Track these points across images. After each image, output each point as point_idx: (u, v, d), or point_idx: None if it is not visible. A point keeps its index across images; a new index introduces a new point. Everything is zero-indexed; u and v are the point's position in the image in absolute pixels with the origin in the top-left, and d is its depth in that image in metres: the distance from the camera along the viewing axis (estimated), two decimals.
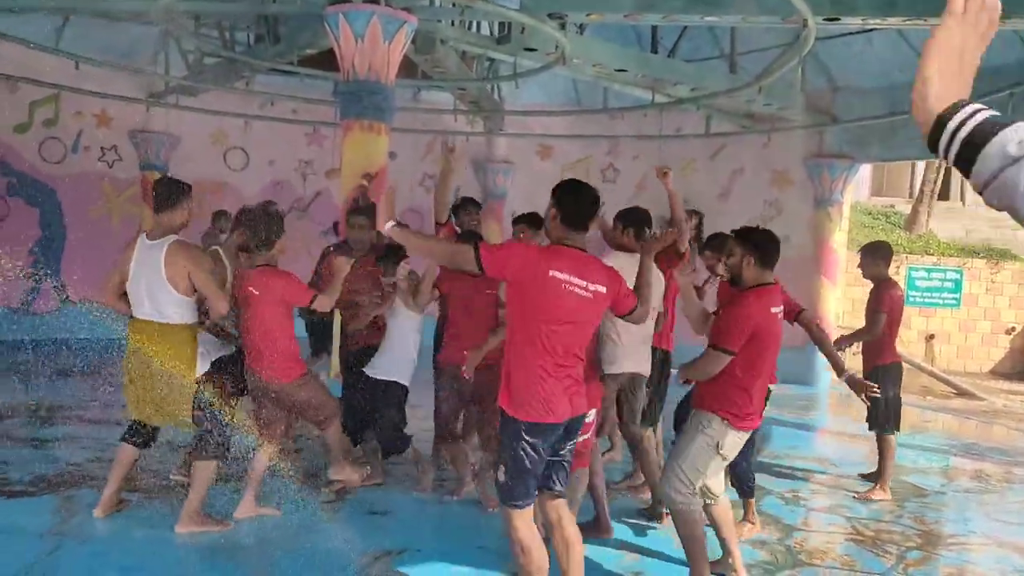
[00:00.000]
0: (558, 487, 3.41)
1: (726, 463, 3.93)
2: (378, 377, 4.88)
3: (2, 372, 8.39)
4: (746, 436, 3.89)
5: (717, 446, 3.77)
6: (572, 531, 3.42)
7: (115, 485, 4.37)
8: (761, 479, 5.55)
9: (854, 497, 5.72)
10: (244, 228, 4.88)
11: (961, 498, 6.09)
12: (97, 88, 10.16)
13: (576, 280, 3.21)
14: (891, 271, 13.10)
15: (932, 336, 13.55)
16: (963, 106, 1.04)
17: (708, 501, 4.00)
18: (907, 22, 6.14)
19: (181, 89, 10.69)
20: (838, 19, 6.20)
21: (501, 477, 3.26)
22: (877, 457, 5.95)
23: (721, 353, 3.69)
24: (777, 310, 3.76)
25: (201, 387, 4.12)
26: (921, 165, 17.35)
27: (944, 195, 17.32)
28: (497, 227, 12.14)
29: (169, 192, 4.10)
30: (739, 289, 3.87)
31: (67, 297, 10.73)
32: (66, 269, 10.81)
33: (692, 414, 3.95)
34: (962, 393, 11.63)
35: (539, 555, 3.26)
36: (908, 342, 13.33)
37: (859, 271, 6.07)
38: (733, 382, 3.73)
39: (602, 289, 3.27)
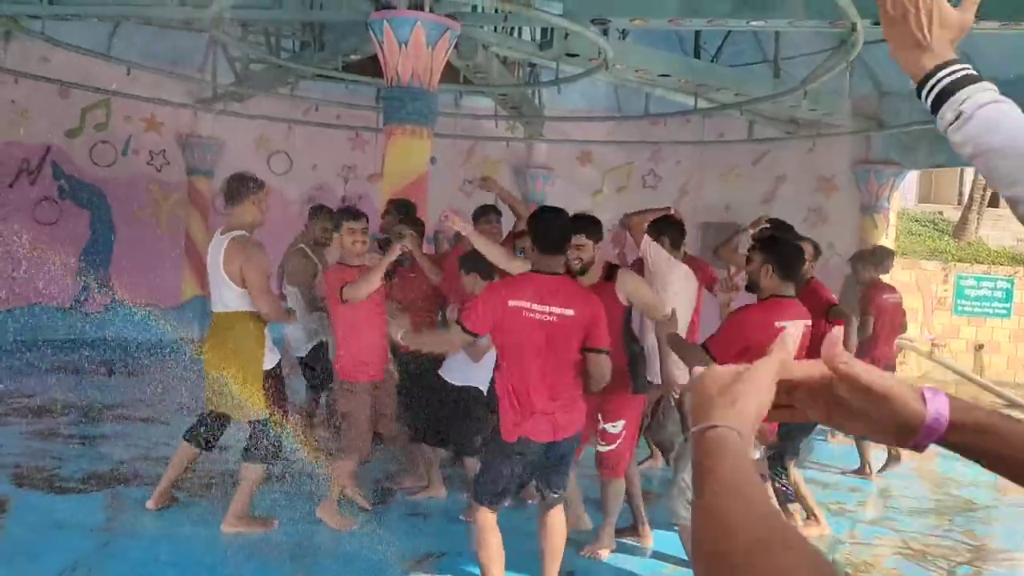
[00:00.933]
0: (550, 496, 3.64)
1: None
2: (455, 383, 4.80)
3: (54, 370, 8.59)
4: (756, 452, 3.82)
5: None
6: (556, 520, 3.65)
7: (168, 481, 4.43)
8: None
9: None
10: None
11: (1013, 513, 5.93)
12: (146, 93, 10.37)
13: (536, 306, 3.37)
14: (939, 279, 12.78)
15: (981, 346, 13.21)
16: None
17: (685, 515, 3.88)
18: None
19: (228, 95, 10.86)
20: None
21: (479, 477, 3.56)
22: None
23: (705, 352, 3.68)
24: (786, 324, 3.58)
25: (264, 383, 4.16)
26: (970, 171, 16.99)
27: (994, 202, 16.92)
28: None
29: (236, 188, 4.17)
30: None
31: (115, 297, 10.95)
32: (115, 270, 11.05)
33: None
34: (1012, 405, 11.33)
35: (497, 548, 3.51)
36: (957, 352, 13.03)
37: (905, 279, 5.99)
38: None
39: (569, 312, 3.37)
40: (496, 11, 6.96)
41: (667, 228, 4.73)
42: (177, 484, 4.58)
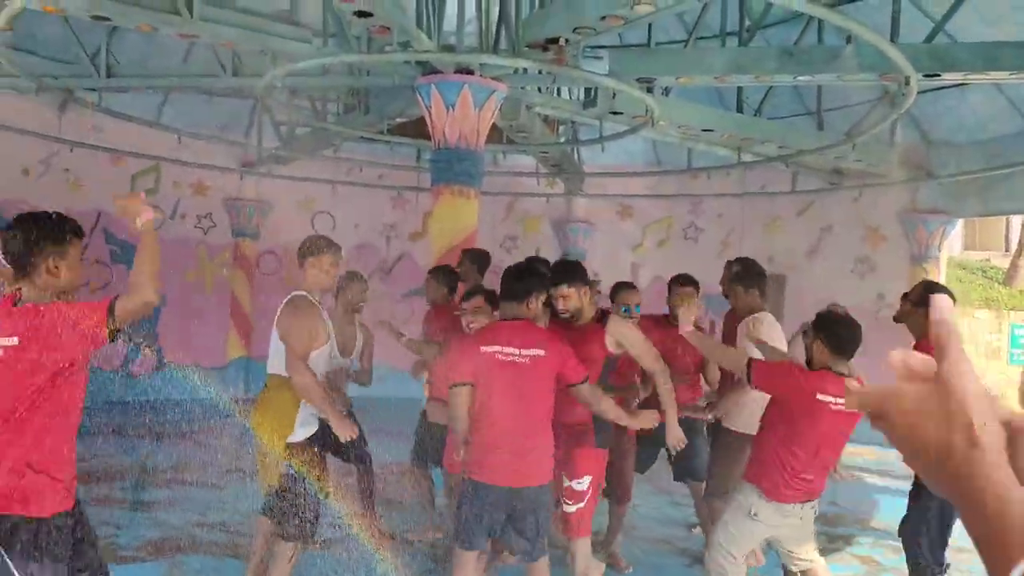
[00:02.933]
0: (519, 550, 3.68)
1: (773, 530, 3.84)
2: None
3: (103, 434, 8.65)
4: (786, 508, 3.75)
5: (750, 512, 3.76)
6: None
7: (257, 558, 4.26)
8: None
9: None
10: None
11: None
12: (194, 159, 10.61)
13: (507, 348, 3.58)
14: (993, 327, 12.48)
15: None
16: None
17: (794, 567, 3.94)
18: (1012, 76, 5.96)
19: (272, 158, 11.08)
20: (938, 75, 6.06)
21: (456, 515, 3.70)
22: None
23: (746, 368, 3.76)
24: (829, 400, 3.55)
25: (292, 453, 3.94)
26: (1017, 218, 16.72)
27: None
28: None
29: (302, 249, 4.16)
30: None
31: (164, 359, 11.08)
32: (162, 332, 11.19)
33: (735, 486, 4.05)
34: None
35: None
36: (1011, 400, 12.65)
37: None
38: (770, 455, 3.73)
39: (540, 353, 3.58)
40: (540, 72, 7.06)
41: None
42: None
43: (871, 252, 10.87)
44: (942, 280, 10.76)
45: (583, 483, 4.09)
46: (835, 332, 3.67)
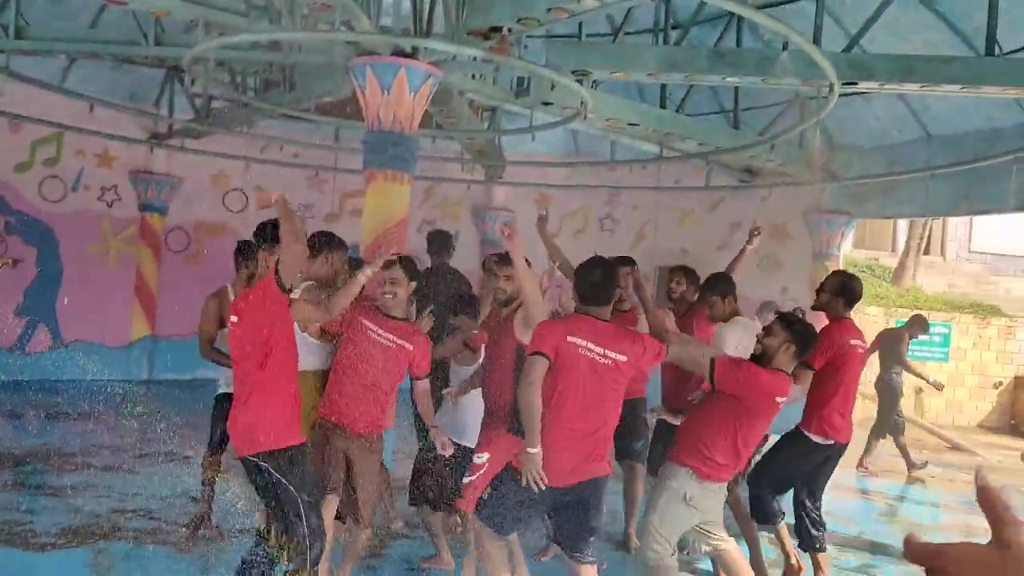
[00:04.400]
0: (564, 543, 3.66)
1: (703, 515, 3.98)
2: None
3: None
4: (717, 487, 3.96)
5: (685, 497, 3.89)
6: None
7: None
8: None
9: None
10: None
11: None
12: (100, 128, 10.11)
13: (593, 346, 3.58)
14: (881, 324, 13.24)
15: (921, 389, 13.69)
16: None
17: (707, 547, 4.09)
18: (924, 88, 6.33)
19: (184, 131, 10.67)
20: (855, 83, 6.38)
21: (486, 499, 3.66)
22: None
23: (710, 364, 3.83)
24: (781, 401, 3.87)
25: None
26: (904, 220, 17.71)
27: (926, 250, 17.69)
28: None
29: (312, 243, 4.04)
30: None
31: (61, 338, 10.56)
32: (60, 308, 10.66)
33: (661, 467, 4.13)
34: (955, 447, 11.76)
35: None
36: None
37: None
38: (713, 439, 3.87)
39: (622, 358, 3.54)
40: (474, 60, 7.05)
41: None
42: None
43: (778, 249, 11.34)
44: None
45: (482, 458, 4.19)
46: (805, 337, 3.89)
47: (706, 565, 5.00)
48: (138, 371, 11.00)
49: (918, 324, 9.52)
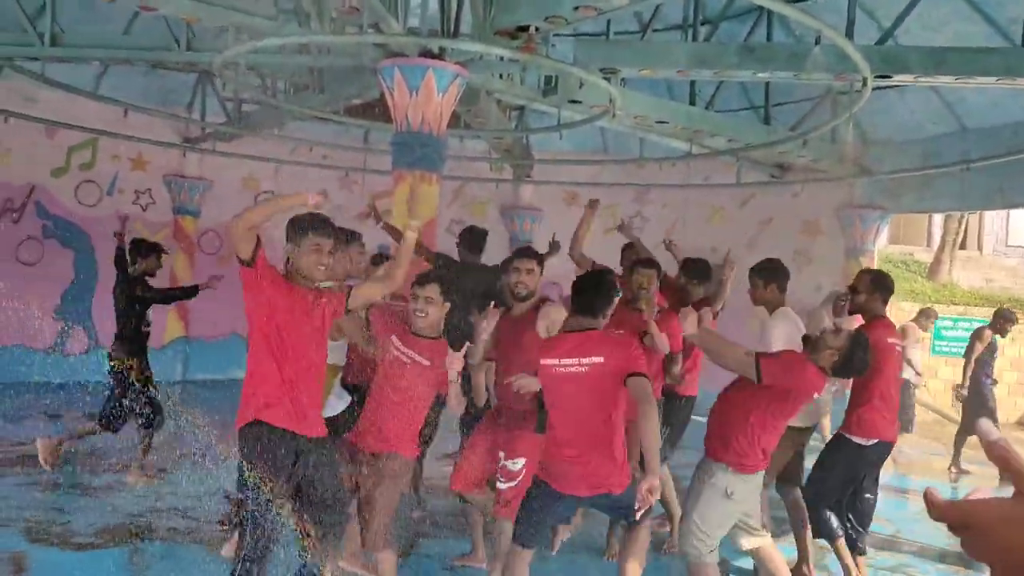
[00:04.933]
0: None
1: (743, 509, 3.99)
2: None
3: (37, 415, 8.35)
4: (754, 479, 3.96)
5: (726, 492, 3.88)
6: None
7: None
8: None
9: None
10: None
11: None
12: (134, 133, 10.26)
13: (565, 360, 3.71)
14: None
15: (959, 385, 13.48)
16: None
17: (749, 544, 4.09)
18: (957, 80, 6.23)
19: (215, 134, 10.80)
20: (889, 76, 6.28)
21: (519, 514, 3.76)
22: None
23: (754, 363, 3.79)
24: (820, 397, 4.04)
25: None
26: (938, 215, 17.43)
27: (962, 244, 17.39)
28: None
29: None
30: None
31: (96, 340, 10.72)
32: (96, 311, 10.83)
33: (699, 465, 4.12)
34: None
35: None
36: (935, 392, 13.26)
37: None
38: (745, 432, 3.87)
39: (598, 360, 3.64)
40: (501, 59, 7.05)
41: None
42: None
43: (809, 245, 11.21)
44: None
45: (518, 464, 4.23)
46: (854, 353, 3.83)
47: (746, 563, 4.96)
48: (172, 372, 11.14)
49: (923, 316, 9.42)
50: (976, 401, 8.85)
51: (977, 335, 9.08)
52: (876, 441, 4.63)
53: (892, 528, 6.43)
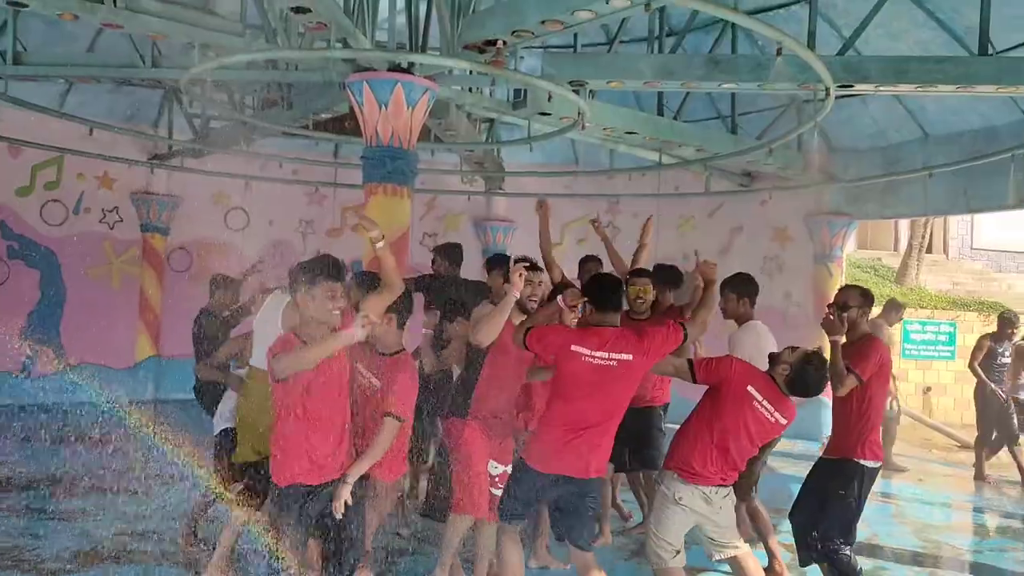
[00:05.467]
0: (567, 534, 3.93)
1: (692, 517, 4.05)
2: None
3: (4, 439, 8.20)
4: (705, 491, 4.01)
5: (674, 497, 4.01)
6: None
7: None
8: None
9: None
10: None
11: (997, 556, 6.10)
12: (100, 151, 10.16)
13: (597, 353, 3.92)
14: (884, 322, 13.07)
15: (929, 388, 13.69)
16: None
17: (719, 555, 4.16)
18: (918, 89, 6.35)
19: (184, 151, 10.72)
20: (851, 86, 6.39)
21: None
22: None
23: (687, 364, 4.11)
24: (756, 398, 4.03)
25: None
26: (904, 221, 17.70)
27: (929, 248, 17.68)
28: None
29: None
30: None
31: (66, 360, 10.57)
32: (65, 331, 10.70)
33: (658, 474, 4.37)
34: (964, 446, 11.70)
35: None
36: (906, 395, 13.42)
37: None
38: (683, 443, 4.07)
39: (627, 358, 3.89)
40: (470, 73, 7.08)
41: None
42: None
43: (779, 252, 11.35)
44: (843, 278, 11.33)
45: (498, 469, 4.38)
46: (804, 370, 3.98)
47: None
48: (144, 391, 11.01)
49: (891, 308, 9.02)
50: (986, 411, 8.81)
51: (976, 344, 9.05)
52: (880, 464, 4.52)
53: (869, 531, 6.49)
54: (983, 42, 5.97)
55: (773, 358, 4.06)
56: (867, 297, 4.66)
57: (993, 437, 8.87)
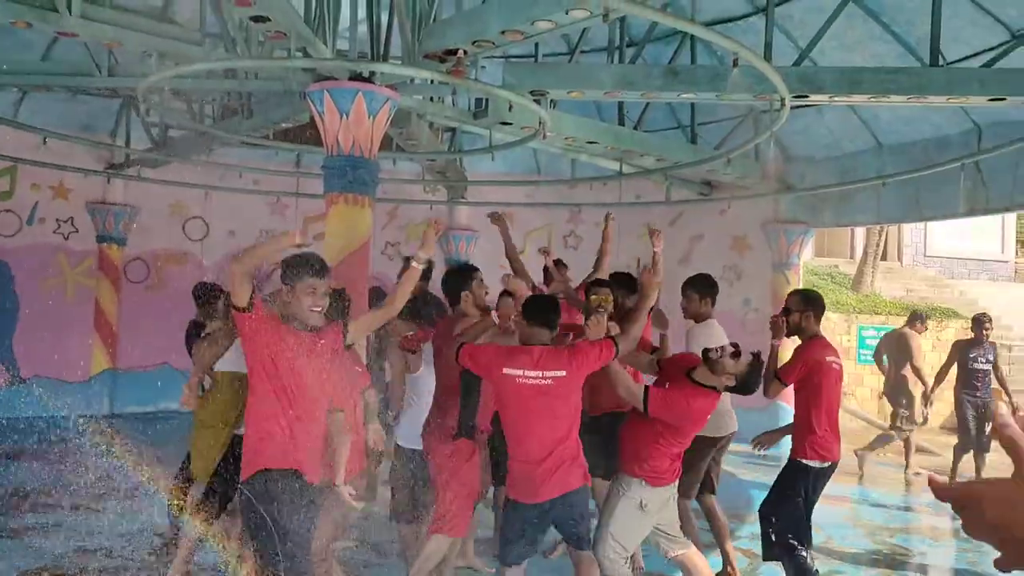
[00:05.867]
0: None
1: (654, 520, 4.15)
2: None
3: None
4: (668, 491, 4.14)
5: (640, 504, 4.06)
6: None
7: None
8: None
9: None
10: None
11: (950, 557, 6.22)
12: (55, 160, 9.97)
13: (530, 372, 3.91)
14: (843, 330, 13.35)
15: (884, 394, 13.91)
16: None
17: (674, 550, 4.27)
18: (872, 99, 6.49)
19: (142, 161, 10.57)
20: (806, 96, 6.51)
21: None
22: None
23: (642, 395, 4.07)
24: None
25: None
26: (860, 229, 18.04)
27: (883, 256, 18.03)
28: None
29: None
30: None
31: (18, 374, 10.33)
32: (18, 344, 10.46)
33: (613, 479, 4.29)
34: (919, 450, 11.93)
35: None
36: (862, 399, 13.68)
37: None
38: (652, 446, 4.07)
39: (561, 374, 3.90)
40: (432, 83, 7.08)
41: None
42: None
43: (738, 260, 11.50)
44: (800, 285, 11.51)
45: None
46: (749, 377, 4.04)
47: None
48: (99, 406, 10.80)
49: (915, 319, 9.81)
50: (962, 419, 9.00)
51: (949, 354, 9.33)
52: (829, 464, 4.62)
53: (824, 535, 6.59)
54: (934, 53, 6.12)
55: (711, 362, 4.01)
56: (809, 300, 4.78)
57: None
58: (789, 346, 4.99)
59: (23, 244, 10.55)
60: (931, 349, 14.48)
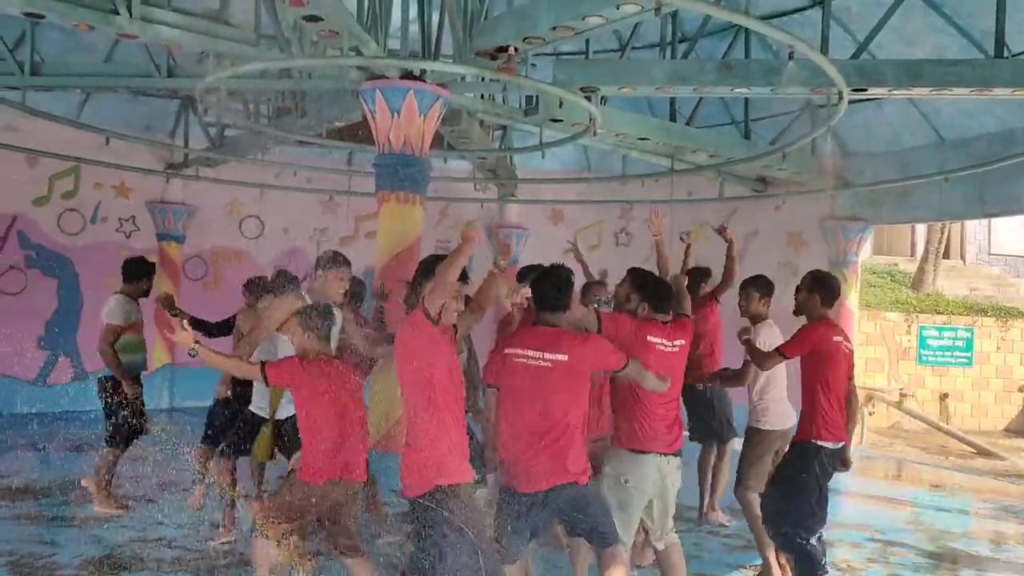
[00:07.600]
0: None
1: (643, 496, 3.99)
2: None
3: (21, 447, 8.26)
4: (647, 459, 3.97)
5: (620, 480, 3.97)
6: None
7: None
8: None
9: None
10: None
11: (1014, 564, 6.02)
12: (117, 160, 10.25)
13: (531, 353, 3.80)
14: (902, 330, 13.08)
15: (946, 395, 13.56)
16: None
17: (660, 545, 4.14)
18: (934, 92, 6.30)
19: (200, 160, 10.80)
20: (864, 89, 6.36)
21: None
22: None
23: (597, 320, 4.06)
24: (656, 342, 4.07)
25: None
26: (921, 226, 17.59)
27: (946, 254, 17.54)
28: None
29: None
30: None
31: (82, 369, 10.64)
32: (82, 340, 10.77)
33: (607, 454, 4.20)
34: (982, 452, 11.59)
35: None
36: (923, 401, 13.33)
37: (869, 330, 6.29)
38: (624, 408, 4.08)
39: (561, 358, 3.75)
40: (482, 80, 7.09)
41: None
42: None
43: (794, 256, 11.28)
44: (858, 284, 11.26)
45: None
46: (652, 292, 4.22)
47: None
48: (158, 399, 11.05)
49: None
50: None
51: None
52: (841, 444, 4.50)
53: (884, 538, 6.44)
54: (999, 45, 5.92)
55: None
56: (817, 281, 4.72)
57: None
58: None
59: (87, 242, 10.85)
60: (995, 350, 14.06)
